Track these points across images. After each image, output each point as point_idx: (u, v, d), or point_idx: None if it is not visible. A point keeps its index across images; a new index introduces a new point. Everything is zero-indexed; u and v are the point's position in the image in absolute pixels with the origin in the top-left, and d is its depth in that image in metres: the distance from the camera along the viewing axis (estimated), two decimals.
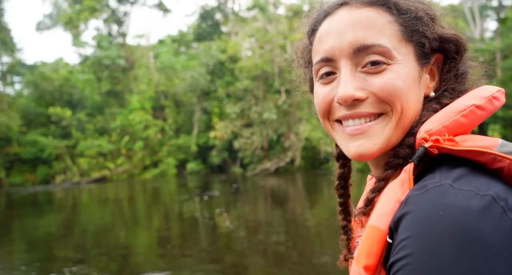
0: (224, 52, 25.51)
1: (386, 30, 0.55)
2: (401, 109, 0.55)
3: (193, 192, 15.56)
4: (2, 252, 7.14)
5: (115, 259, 6.24)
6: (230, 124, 22.52)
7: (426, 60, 0.58)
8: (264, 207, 11.12)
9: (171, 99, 28.52)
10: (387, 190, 0.51)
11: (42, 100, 29.49)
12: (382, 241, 0.48)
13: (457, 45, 0.57)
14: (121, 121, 27.12)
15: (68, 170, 26.22)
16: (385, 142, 0.56)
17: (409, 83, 0.55)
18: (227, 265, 5.53)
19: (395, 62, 0.55)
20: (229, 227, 8.21)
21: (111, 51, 28.98)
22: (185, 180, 22.58)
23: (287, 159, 20.88)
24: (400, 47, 0.55)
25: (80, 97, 30.92)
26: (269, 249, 6.16)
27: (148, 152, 26.80)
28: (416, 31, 0.56)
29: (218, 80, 25.67)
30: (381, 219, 0.49)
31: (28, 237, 8.51)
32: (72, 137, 27.36)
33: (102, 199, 16.47)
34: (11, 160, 26.25)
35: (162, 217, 10.51)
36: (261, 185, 17.51)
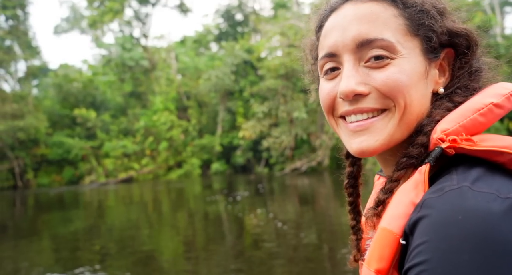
0: (249, 51, 25.30)
1: (390, 24, 0.54)
2: (404, 105, 0.53)
3: (220, 193, 15.40)
4: (30, 251, 7.29)
5: (140, 260, 6.17)
6: (258, 123, 22.27)
7: (434, 54, 0.56)
8: (293, 207, 10.87)
9: (194, 99, 28.48)
10: (399, 192, 0.50)
11: (66, 102, 29.95)
12: (394, 244, 0.46)
13: (468, 39, 0.55)
14: (145, 122, 27.24)
15: (93, 171, 26.49)
16: (387, 139, 0.54)
17: (413, 78, 0.53)
18: (255, 268, 5.37)
19: (399, 56, 0.53)
20: (258, 228, 8.06)
21: (134, 52, 29.15)
22: (209, 180, 22.47)
23: (319, 158, 20.50)
24: (405, 41, 0.54)
25: (103, 98, 31.26)
26: (298, 251, 5.96)
27: (172, 153, 26.82)
28: (422, 24, 0.54)
29: (242, 79, 25.47)
30: (393, 221, 0.47)
31: (55, 237, 8.64)
32: (97, 138, 27.64)
33: (129, 200, 16.52)
34: (39, 161, 26.69)
35: (189, 218, 10.38)
36: (289, 185, 17.20)
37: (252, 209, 10.75)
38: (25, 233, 9.56)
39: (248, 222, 8.95)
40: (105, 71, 32.49)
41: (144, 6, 32.09)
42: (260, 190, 15.94)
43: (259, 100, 23.36)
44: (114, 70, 30.66)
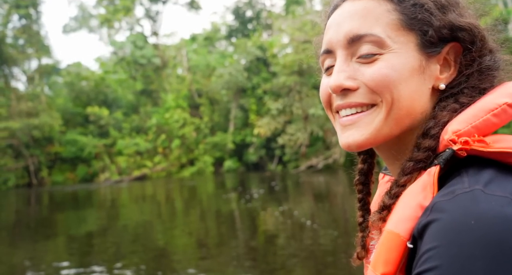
0: (261, 48, 25.16)
1: (382, 19, 0.54)
2: (391, 100, 0.53)
3: (235, 190, 15.36)
4: (45, 248, 7.37)
5: (153, 257, 6.18)
6: (273, 120, 22.15)
7: (433, 49, 0.53)
8: (309, 205, 10.77)
9: (205, 97, 28.46)
10: (406, 194, 0.49)
11: (77, 100, 30.15)
12: (401, 247, 0.45)
13: (471, 34, 0.52)
14: (157, 120, 27.29)
15: (106, 169, 26.65)
16: (374, 133, 0.54)
17: (403, 73, 0.53)
18: (269, 265, 5.31)
19: (388, 51, 0.53)
20: (273, 226, 7.97)
21: (146, 50, 29.19)
22: (222, 178, 22.45)
23: (336, 156, 20.31)
24: (397, 36, 0.53)
25: (114, 96, 31.40)
26: (314, 248, 5.86)
27: (184, 151, 26.86)
28: (417, 18, 0.53)
29: (255, 76, 25.36)
30: (400, 224, 0.46)
31: (69, 234, 8.71)
32: (110, 136, 27.78)
33: (142, 197, 16.59)
34: (53, 159, 26.93)
35: (203, 216, 10.34)
36: (304, 182, 17.08)
37: (268, 207, 10.68)
38: (41, 230, 9.68)
39: (264, 220, 8.89)
40: (115, 69, 32.62)
41: (154, 4, 32.12)
42: (275, 188, 15.86)
43: (273, 97, 23.23)
44: (125, 68, 30.77)
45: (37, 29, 29.56)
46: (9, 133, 23.70)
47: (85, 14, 34.37)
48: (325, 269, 4.93)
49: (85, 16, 34.34)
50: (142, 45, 29.66)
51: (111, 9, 30.78)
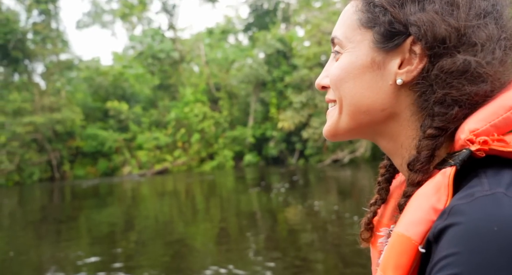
0: (281, 41, 24.85)
1: (348, 20, 0.56)
2: (340, 97, 0.56)
3: (258, 185, 15.24)
4: (69, 241, 7.52)
5: (174, 251, 6.18)
6: (297, 114, 21.92)
7: (387, 43, 0.52)
8: (334, 199, 10.58)
9: (224, 90, 28.32)
10: (418, 195, 0.47)
11: (96, 95, 30.35)
12: (412, 252, 0.43)
13: (421, 29, 0.49)
14: (176, 114, 27.28)
15: (127, 163, 26.83)
16: (334, 126, 0.58)
17: (350, 71, 0.54)
18: (291, 259, 5.21)
19: (345, 51, 0.56)
20: (297, 220, 7.85)
21: (164, 44, 29.13)
22: (243, 172, 22.37)
23: (362, 149, 19.96)
24: (354, 35, 0.55)
25: (132, 91, 31.50)
26: (338, 244, 5.73)
27: (203, 145, 26.85)
28: (372, 15, 0.53)
29: (275, 70, 25.09)
30: (412, 227, 0.44)
31: (91, 227, 8.87)
32: (130, 130, 27.93)
33: (164, 191, 16.61)
34: (74, 154, 27.23)
35: (224, 210, 10.26)
36: (328, 176, 16.85)
37: (290, 201, 10.55)
38: (64, 223, 9.84)
39: (287, 214, 8.78)
40: (132, 64, 32.69)
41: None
42: (298, 182, 15.69)
43: (295, 91, 22.96)
44: (143, 63, 30.77)
45: (56, 25, 29.79)
46: (33, 128, 24.01)
47: (98, 9, 34.51)
48: (348, 264, 4.82)
49: (98, 11, 34.48)
50: (160, 39, 29.60)
51: (128, 4, 30.76)
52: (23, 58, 26.15)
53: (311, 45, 21.59)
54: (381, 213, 0.64)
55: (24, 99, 24.87)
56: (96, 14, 34.60)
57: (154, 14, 31.52)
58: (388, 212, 0.62)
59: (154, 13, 31.48)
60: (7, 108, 24.16)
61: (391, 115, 0.53)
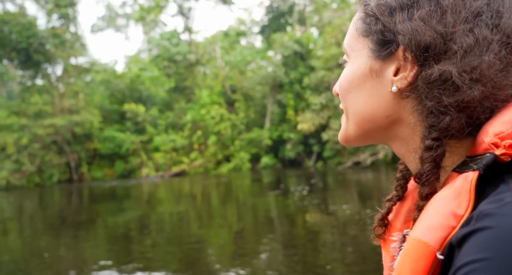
0: (298, 42, 24.70)
1: (351, 30, 0.57)
2: (346, 107, 0.57)
3: (274, 187, 15.04)
4: (86, 242, 7.62)
5: (189, 252, 6.17)
6: (317, 116, 21.70)
7: (381, 52, 0.52)
8: (355, 202, 10.34)
9: (240, 92, 28.26)
10: (436, 199, 0.45)
11: (113, 98, 30.63)
12: (430, 258, 0.42)
13: (405, 37, 0.49)
14: (192, 116, 27.31)
15: (143, 165, 26.94)
16: (344, 133, 0.59)
17: (353, 81, 0.55)
18: (309, 264, 5.10)
19: (349, 60, 0.56)
20: (314, 223, 7.75)
21: (181, 46, 29.27)
22: (259, 174, 22.21)
23: (383, 152, 19.60)
24: (355, 43, 0.55)
25: (148, 93, 31.71)
26: (359, 249, 5.58)
27: (219, 147, 26.79)
28: (367, 24, 0.54)
29: (292, 71, 24.92)
30: (429, 233, 0.43)
31: (108, 228, 9.00)
32: (146, 132, 28.08)
33: (181, 193, 16.63)
34: (92, 156, 27.48)
35: (240, 213, 10.17)
36: (347, 179, 16.54)
37: (309, 203, 10.38)
38: (81, 224, 9.95)
39: (305, 217, 8.65)
40: (147, 66, 32.93)
41: (187, 1, 32.16)
42: (318, 185, 15.45)
43: (314, 92, 22.74)
44: (159, 65, 30.96)
45: (75, 29, 30.24)
46: (54, 130, 24.33)
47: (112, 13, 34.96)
48: (369, 269, 4.69)
49: (112, 15, 34.94)
50: (177, 42, 29.76)
51: (146, 7, 31.05)
52: (44, 61, 26.59)
53: (330, 46, 21.37)
54: (394, 216, 0.61)
55: (45, 102, 25.24)
56: (111, 18, 35.08)
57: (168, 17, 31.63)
58: (402, 215, 0.59)
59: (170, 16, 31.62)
60: (28, 111, 24.56)
61: (397, 121, 0.52)
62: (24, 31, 25.00)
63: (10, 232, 9.57)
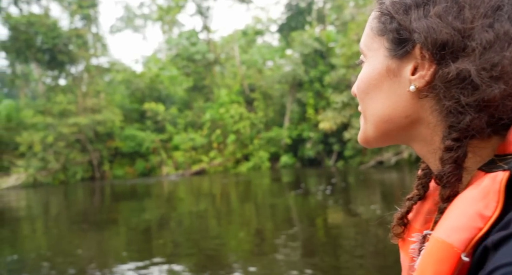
0: (318, 40, 24.47)
1: (367, 29, 0.56)
2: (364, 108, 0.55)
3: (295, 186, 14.93)
4: (107, 239, 7.74)
5: (208, 251, 6.19)
6: (339, 114, 21.47)
7: (398, 51, 0.50)
8: (375, 202, 10.11)
9: (258, 91, 28.21)
10: (461, 200, 0.44)
11: (133, 97, 31.06)
12: (454, 260, 0.41)
13: (421, 35, 0.48)
14: (211, 115, 27.42)
15: (163, 164, 27.23)
16: (363, 135, 0.57)
17: (369, 82, 0.54)
18: (328, 264, 5.03)
19: (366, 60, 0.55)
20: (335, 224, 7.67)
21: (200, 46, 29.42)
22: (279, 173, 22.12)
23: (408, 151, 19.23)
24: (372, 43, 0.54)
25: (167, 93, 32.02)
26: (380, 252, 5.43)
27: (238, 146, 26.83)
28: (383, 23, 0.53)
29: (312, 70, 24.71)
30: (454, 234, 0.41)
31: (128, 226, 9.12)
32: (166, 131, 28.36)
33: (200, 192, 16.65)
34: (113, 154, 27.94)
35: (259, 212, 10.08)
36: (369, 179, 16.28)
37: (330, 203, 10.23)
38: (103, 221, 10.15)
39: (326, 217, 8.55)
40: (165, 66, 33.25)
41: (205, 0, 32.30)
42: (340, 184, 15.25)
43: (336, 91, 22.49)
44: (178, 65, 31.21)
45: (96, 29, 30.80)
46: (77, 129, 24.86)
47: (131, 14, 35.42)
48: (391, 271, 4.57)
49: (130, 16, 35.40)
50: (195, 41, 29.93)
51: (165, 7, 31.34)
52: (68, 61, 27.18)
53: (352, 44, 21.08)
54: (414, 216, 0.59)
55: (69, 101, 25.81)
56: (129, 19, 35.57)
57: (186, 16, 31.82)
58: (422, 216, 0.57)
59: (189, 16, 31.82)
60: (53, 110, 25.16)
61: (416, 121, 0.51)
62: (49, 32, 25.61)
63: (37, 228, 9.85)
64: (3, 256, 6.69)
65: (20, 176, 23.46)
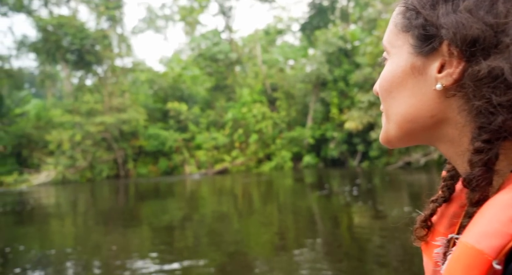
0: (342, 39, 24.07)
1: (391, 25, 0.54)
2: (387, 107, 0.53)
3: (319, 187, 14.67)
4: (131, 237, 7.84)
5: (229, 250, 6.20)
6: (365, 114, 21.06)
7: (424, 48, 0.48)
8: (405, 205, 9.71)
9: (281, 91, 28.04)
10: (492, 204, 0.42)
11: (156, 96, 31.51)
12: (484, 267, 0.39)
13: (449, 31, 0.46)
14: (233, 115, 27.45)
15: (186, 163, 27.47)
16: (384, 135, 0.55)
17: (392, 80, 0.51)
18: (352, 267, 4.89)
19: (389, 58, 0.53)
20: (360, 226, 7.54)
21: (223, 45, 29.51)
22: (301, 174, 21.88)
23: (438, 151, 18.58)
24: (396, 40, 0.52)
25: (189, 92, 32.31)
26: (406, 255, 5.24)
27: (260, 145, 26.75)
28: (408, 18, 0.51)
29: (336, 69, 24.33)
30: (484, 240, 0.39)
31: (151, 224, 9.21)
32: (189, 130, 28.61)
33: (222, 190, 16.64)
34: (137, 152, 28.42)
35: (282, 212, 9.93)
36: (393, 180, 15.84)
37: (355, 205, 10.01)
38: (128, 219, 10.33)
39: (350, 219, 8.37)
40: (187, 65, 33.55)
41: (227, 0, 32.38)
42: (367, 186, 14.90)
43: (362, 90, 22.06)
44: (201, 64, 31.44)
45: (121, 30, 31.40)
46: (104, 127, 25.41)
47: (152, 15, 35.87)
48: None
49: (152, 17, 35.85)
50: (218, 41, 30.05)
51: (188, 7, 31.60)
52: (94, 62, 27.82)
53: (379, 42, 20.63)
54: (438, 219, 0.56)
55: (96, 100, 26.42)
56: (151, 20, 36.06)
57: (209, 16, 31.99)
58: (447, 219, 0.55)
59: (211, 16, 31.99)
60: (81, 109, 25.82)
61: (443, 120, 0.48)
62: (78, 33, 26.29)
63: (65, 225, 10.14)
64: (31, 251, 6.92)
65: (50, 173, 24.20)
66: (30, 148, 26.30)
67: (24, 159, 26.36)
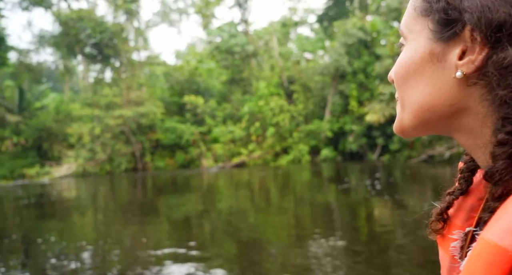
0: (362, 30, 23.53)
1: (409, 9, 0.52)
2: (402, 95, 0.51)
3: (338, 181, 14.44)
4: (149, 229, 7.94)
5: (246, 244, 6.21)
6: (387, 106, 20.62)
7: (444, 33, 0.46)
8: (427, 200, 9.41)
9: (298, 83, 27.69)
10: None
11: (172, 90, 31.56)
12: (507, 265, 0.37)
13: (473, 15, 0.44)
14: (250, 108, 27.29)
15: (202, 156, 27.51)
16: (399, 124, 0.53)
17: (409, 67, 0.49)
18: (371, 264, 4.76)
19: (407, 43, 0.51)
20: (380, 221, 7.36)
21: (239, 38, 29.28)
22: (319, 167, 21.65)
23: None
24: (414, 24, 0.50)
25: (205, 85, 32.25)
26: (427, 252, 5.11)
27: (277, 139, 26.55)
28: (428, 3, 0.49)
29: (355, 60, 23.84)
30: (508, 237, 0.38)
31: (169, 217, 9.37)
32: (205, 124, 28.61)
33: (240, 184, 16.57)
34: (154, 146, 28.60)
35: (300, 206, 9.84)
36: (414, 173, 15.48)
37: (376, 200, 9.81)
38: (146, 211, 10.49)
39: (370, 214, 8.22)
40: (203, 58, 33.44)
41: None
42: (388, 179, 14.61)
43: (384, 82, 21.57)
44: (217, 57, 31.30)
45: (138, 23, 31.47)
46: (122, 121, 25.62)
47: (166, 9, 35.81)
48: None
49: (166, 11, 35.79)
50: (235, 33, 29.81)
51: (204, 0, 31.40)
52: (113, 55, 27.97)
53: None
54: (455, 212, 0.55)
55: (114, 94, 26.60)
56: (165, 13, 36.03)
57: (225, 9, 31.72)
58: (464, 212, 0.53)
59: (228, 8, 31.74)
60: (100, 102, 26.06)
61: (462, 110, 0.46)
62: (97, 26, 26.42)
63: (86, 216, 10.34)
64: (53, 242, 7.07)
65: (71, 166, 24.60)
66: (50, 141, 26.73)
67: (45, 152, 26.85)
